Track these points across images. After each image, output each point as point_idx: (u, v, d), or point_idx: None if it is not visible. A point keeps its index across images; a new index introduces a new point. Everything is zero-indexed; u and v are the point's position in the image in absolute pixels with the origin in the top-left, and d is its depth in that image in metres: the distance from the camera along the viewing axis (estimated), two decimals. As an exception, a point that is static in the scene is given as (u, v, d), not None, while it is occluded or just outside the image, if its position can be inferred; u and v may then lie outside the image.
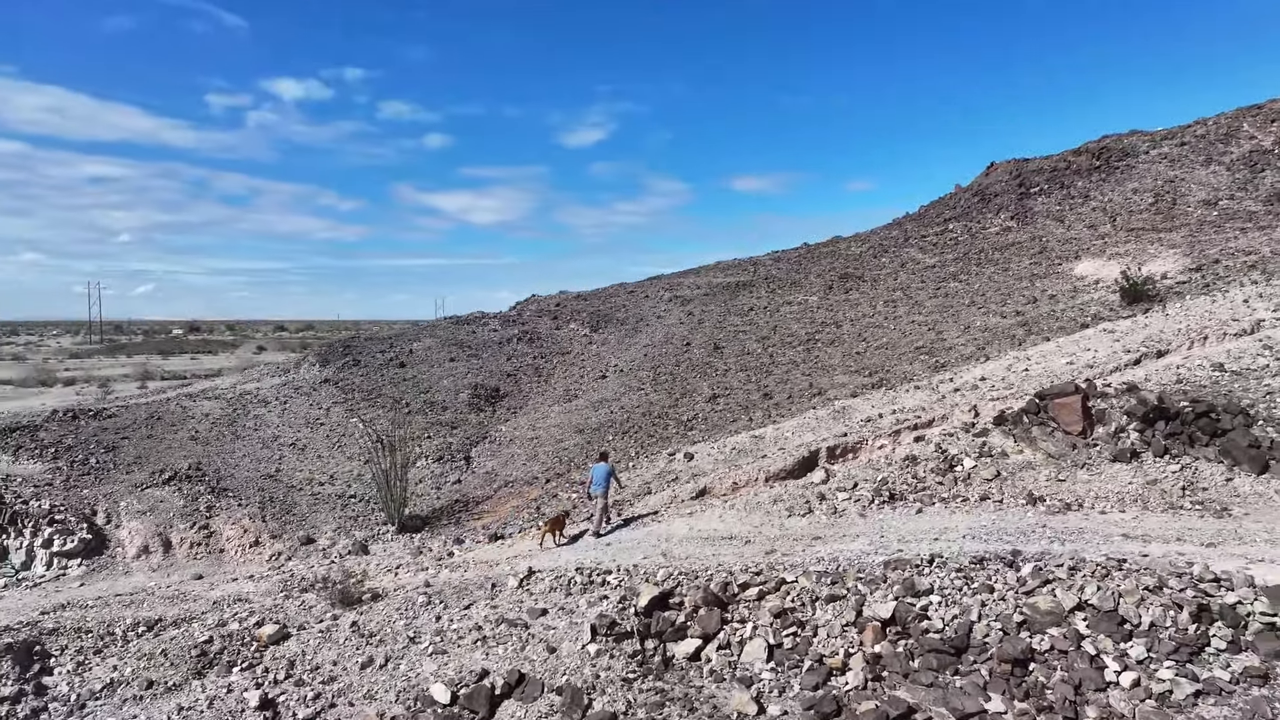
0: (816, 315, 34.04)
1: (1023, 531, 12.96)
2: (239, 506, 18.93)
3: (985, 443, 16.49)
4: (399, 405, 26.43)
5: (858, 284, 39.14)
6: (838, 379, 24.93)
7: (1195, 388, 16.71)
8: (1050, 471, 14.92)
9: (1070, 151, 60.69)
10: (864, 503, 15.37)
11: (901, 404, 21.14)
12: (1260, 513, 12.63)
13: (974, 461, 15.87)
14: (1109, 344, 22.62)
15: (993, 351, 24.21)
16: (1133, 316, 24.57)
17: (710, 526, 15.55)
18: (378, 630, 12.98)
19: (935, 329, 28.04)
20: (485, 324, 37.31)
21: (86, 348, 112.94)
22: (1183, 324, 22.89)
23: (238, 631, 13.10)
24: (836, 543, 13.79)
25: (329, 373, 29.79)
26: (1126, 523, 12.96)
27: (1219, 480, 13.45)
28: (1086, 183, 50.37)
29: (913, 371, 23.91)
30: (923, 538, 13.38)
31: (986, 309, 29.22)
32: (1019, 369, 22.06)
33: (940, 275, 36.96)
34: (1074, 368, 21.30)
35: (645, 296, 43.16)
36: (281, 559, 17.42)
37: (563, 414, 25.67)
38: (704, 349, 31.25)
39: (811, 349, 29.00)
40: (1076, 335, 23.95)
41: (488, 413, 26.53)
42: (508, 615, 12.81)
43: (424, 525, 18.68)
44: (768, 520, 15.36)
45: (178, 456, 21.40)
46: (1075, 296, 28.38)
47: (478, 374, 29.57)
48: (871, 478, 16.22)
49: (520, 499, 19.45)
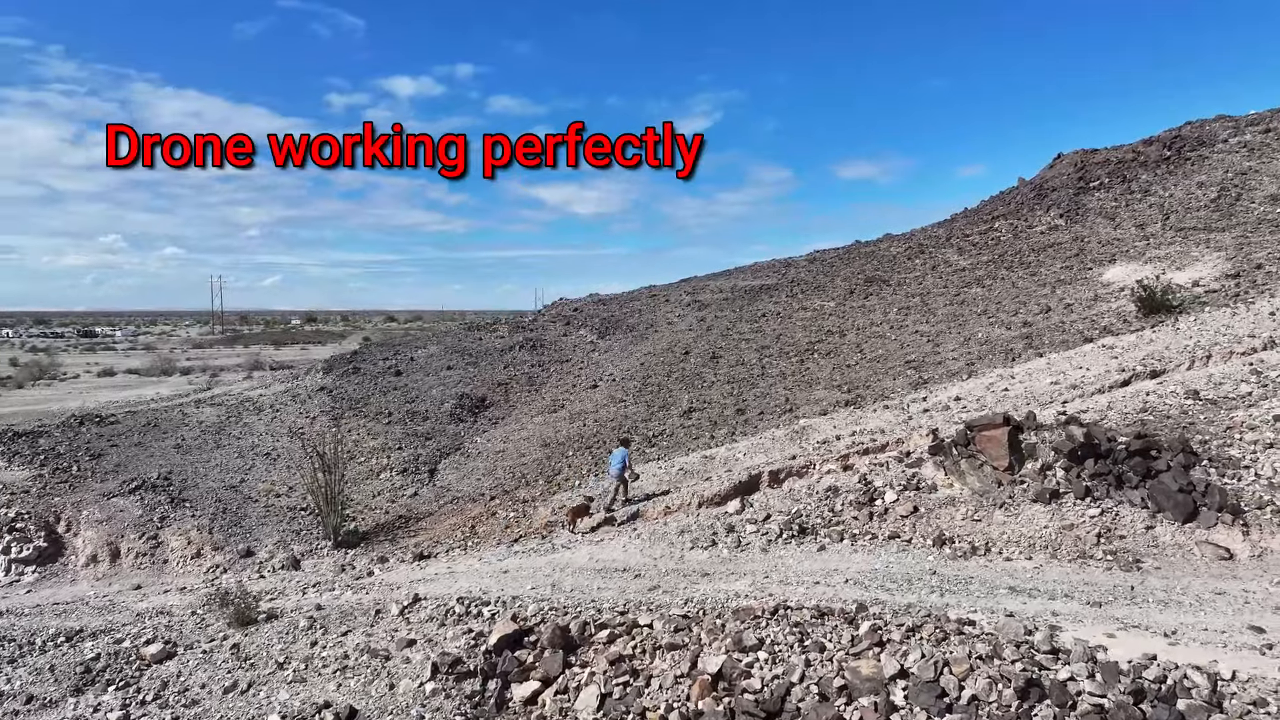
0: (826, 323, 32.99)
1: (909, 579, 12.23)
2: (192, 517, 19.77)
3: (916, 474, 15.62)
4: (381, 415, 27.06)
5: (881, 288, 37.73)
6: (816, 394, 24.09)
7: (1159, 418, 15.40)
8: (969, 509, 14.01)
9: (1142, 141, 56.80)
10: (771, 537, 14.81)
11: (865, 425, 20.25)
12: (1172, 567, 11.52)
13: (896, 495, 15.06)
14: (1104, 361, 21.08)
15: (981, 367, 22.92)
16: (1141, 330, 22.80)
17: (611, 556, 15.27)
18: (255, 654, 13.30)
19: (935, 340, 26.75)
20: (494, 330, 37.77)
21: (209, 338, 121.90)
22: (1191, 340, 21.11)
23: (126, 649, 13.65)
24: (720, 581, 13.33)
25: (328, 380, 30.76)
26: (1024, 573, 12.05)
27: (1139, 528, 12.33)
28: (1150, 176, 47.02)
29: (893, 388, 22.88)
30: (806, 579, 12.80)
31: (996, 318, 27.68)
32: (999, 388, 20.81)
33: (966, 279, 35.23)
34: (1058, 388, 19.97)
35: (666, 300, 42.80)
36: (218, 571, 18.08)
37: (539, 426, 25.73)
38: (701, 358, 30.74)
39: (805, 360, 28.12)
40: (1074, 351, 22.41)
41: (468, 423, 26.84)
42: (376, 645, 12.91)
43: (361, 541, 19.06)
44: (669, 552, 14.98)
45: (154, 465, 22.49)
46: (1092, 306, 26.55)
47: (469, 383, 29.95)
48: (788, 509, 15.60)
49: (461, 516, 19.59)
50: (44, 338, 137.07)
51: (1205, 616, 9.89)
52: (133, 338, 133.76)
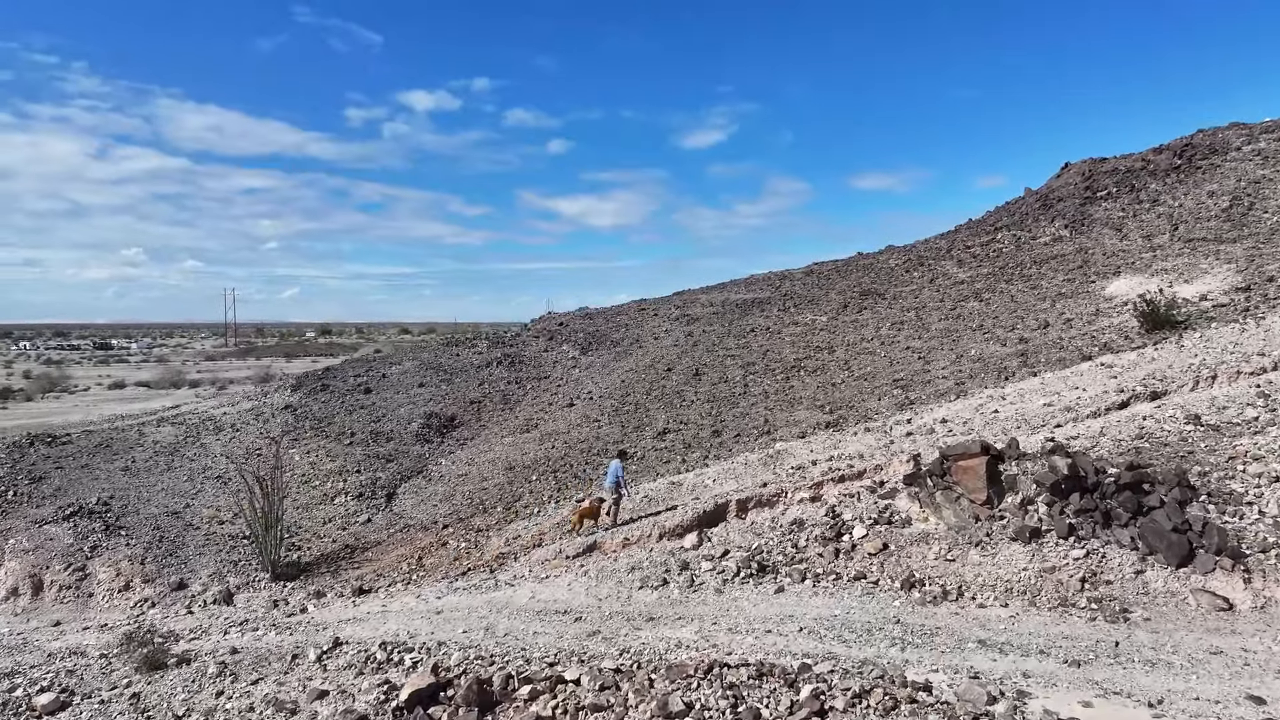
0: (816, 338, 31.85)
1: (870, 628, 11.07)
2: (126, 546, 18.75)
3: (889, 507, 14.45)
4: (344, 435, 26.03)
5: (876, 302, 36.58)
6: (798, 414, 22.94)
7: (1155, 445, 14.20)
8: (943, 548, 12.83)
9: (1152, 150, 55.56)
10: (727, 575, 13.67)
11: (843, 449, 19.10)
12: (1163, 619, 10.31)
13: (865, 530, 13.89)
14: (1102, 381, 19.88)
15: (972, 387, 21.73)
16: (1143, 347, 21.57)
17: (554, 596, 14.15)
18: (155, 705, 12.23)
19: (926, 357, 25.58)
20: (473, 345, 36.78)
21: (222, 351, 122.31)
22: (1196, 358, 19.89)
23: (18, 699, 12.60)
24: (665, 627, 12.21)
25: (295, 398, 29.78)
26: (998, 623, 10.86)
27: (1127, 572, 11.12)
28: (1160, 185, 45.78)
29: (878, 409, 21.72)
30: (757, 626, 11.67)
31: (992, 334, 26.49)
32: (988, 410, 19.62)
33: (964, 293, 34.05)
34: (1051, 410, 18.78)
35: (655, 314, 41.76)
36: (146, 606, 17.03)
37: (507, 448, 24.65)
38: (684, 375, 29.64)
39: (790, 378, 26.97)
40: (1071, 370, 21.20)
41: (434, 444, 25.79)
42: (285, 697, 11.81)
43: (302, 573, 17.98)
44: (617, 592, 13.85)
45: (97, 489, 21.53)
46: (1093, 321, 25.34)
47: (440, 401, 28.93)
48: (748, 545, 14.45)
49: (410, 546, 18.51)
50: (61, 350, 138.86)
51: (1197, 682, 8.69)
52: (147, 350, 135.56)
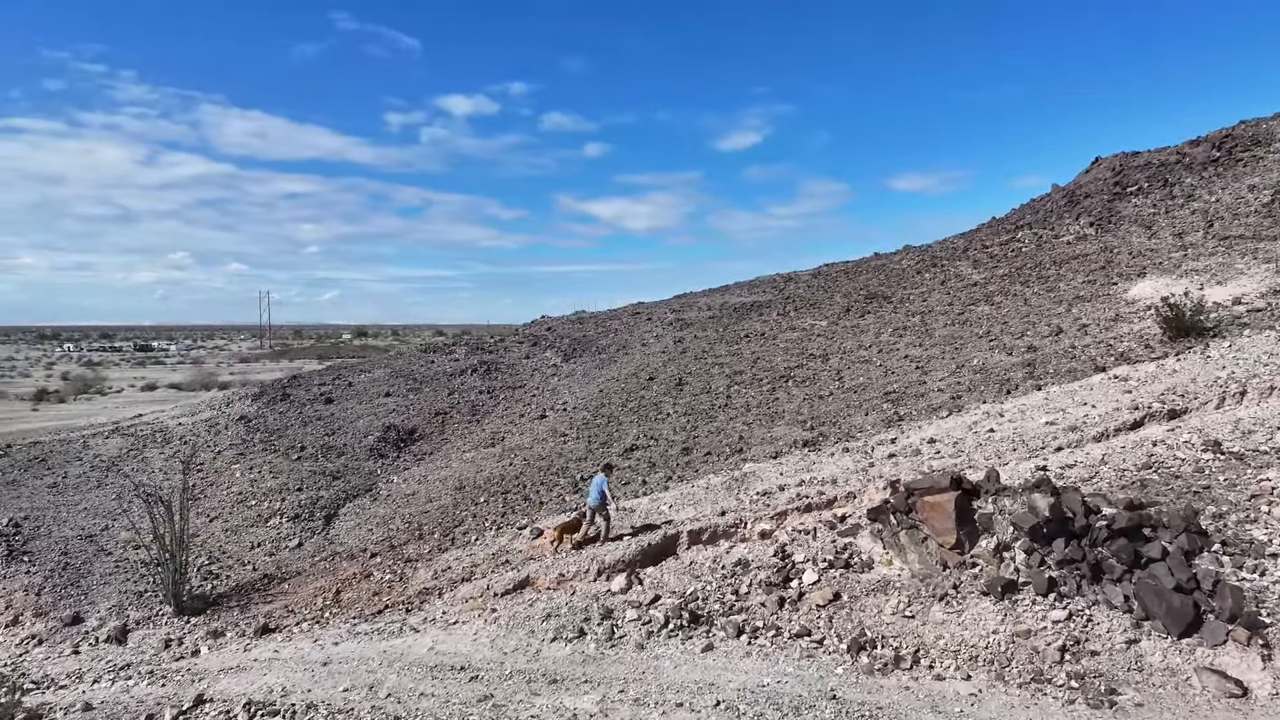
0: (811, 345, 29.86)
1: (800, 706, 9.24)
2: (26, 574, 17.38)
3: (849, 546, 12.57)
4: (293, 449, 24.56)
5: (881, 305, 34.50)
6: (777, 431, 21.04)
7: (1165, 477, 12.19)
8: (902, 600, 10.92)
9: (1188, 142, 52.76)
10: (654, 627, 11.85)
11: (816, 473, 17.21)
12: (1159, 703, 8.34)
13: (817, 575, 12.02)
14: (1115, 396, 17.79)
15: (969, 401, 19.72)
16: (1164, 358, 19.41)
17: (457, 647, 12.43)
18: (-22, 775, 10.68)
19: (925, 367, 23.54)
20: (450, 352, 35.23)
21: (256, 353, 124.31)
22: (1224, 370, 17.77)
23: None
24: (566, 693, 10.45)
25: (253, 408, 28.41)
26: (955, 701, 8.96)
27: (1118, 641, 9.15)
28: (1195, 179, 43.15)
29: (863, 425, 19.77)
30: (669, 697, 9.88)
31: (999, 341, 24.38)
32: (982, 429, 17.63)
33: (975, 296, 31.87)
34: (1054, 429, 16.77)
35: (648, 319, 39.98)
36: (32, 643, 15.60)
37: (464, 464, 23.02)
38: (665, 385, 27.82)
39: (777, 389, 25.05)
40: (1080, 383, 19.12)
41: (389, 459, 24.23)
42: (120, 769, 10.22)
43: (209, 606, 16.45)
44: (526, 644, 12.09)
45: (14, 508, 20.26)
46: (1111, 327, 23.14)
47: (403, 412, 27.39)
48: (682, 589, 12.64)
49: (331, 578, 16.91)
50: (102, 352, 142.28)
51: (1193, 804, 6.75)
52: (185, 352, 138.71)
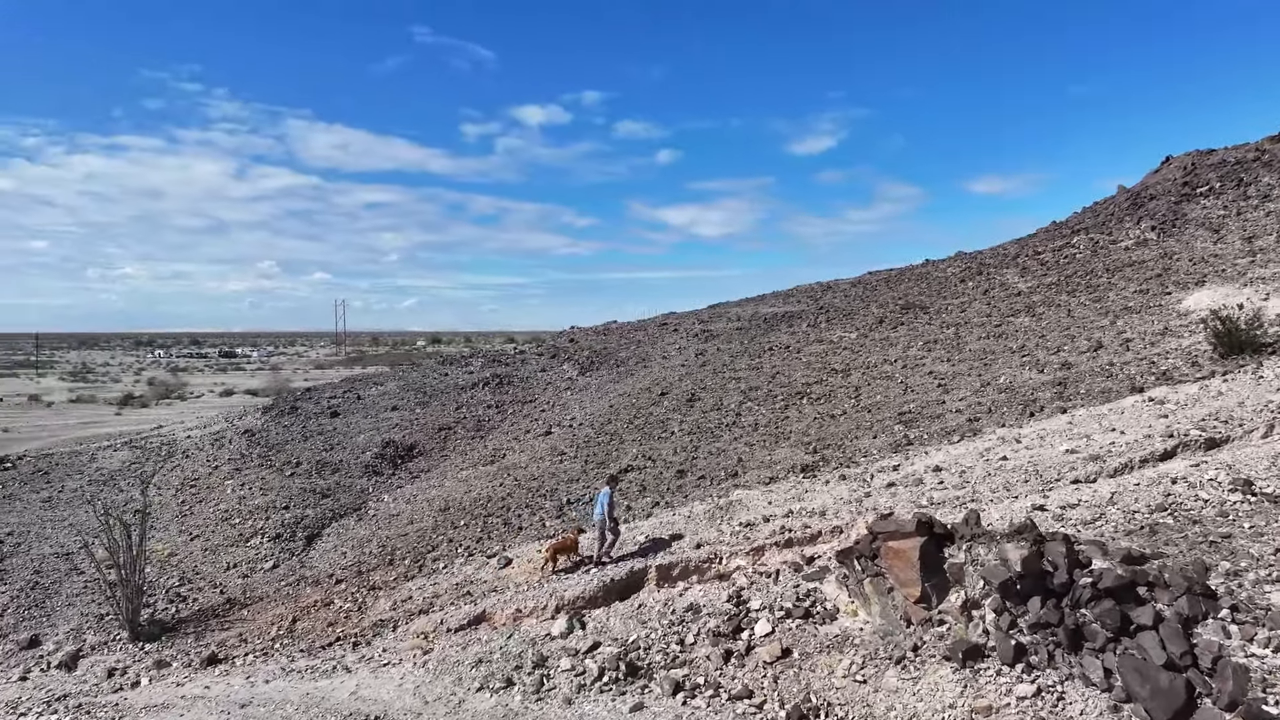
0: (835, 359, 28.34)
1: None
2: (-4, 593, 17.28)
3: (813, 592, 11.32)
4: (288, 465, 24.24)
5: (916, 317, 32.70)
6: (779, 453, 19.72)
7: (1182, 522, 10.63)
8: (858, 660, 9.63)
9: (1269, 138, 49.15)
10: (586, 679, 10.80)
11: (808, 502, 15.91)
12: (1130, 817, 6.90)
13: (771, 625, 10.82)
14: (1148, 421, 16.04)
15: (988, 424, 18.11)
16: (1209, 378, 17.49)
17: (379, 694, 11.57)
18: None
19: (948, 384, 21.90)
20: (466, 365, 34.74)
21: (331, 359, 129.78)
22: (1278, 394, 15.80)
23: None
24: (468, 758, 9.46)
25: (259, 421, 28.33)
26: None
27: (1092, 727, 7.71)
28: (1274, 178, 40.05)
29: (869, 449, 18.35)
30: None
31: (1032, 356, 22.56)
32: (995, 456, 16.06)
33: (1016, 306, 29.88)
34: (1074, 458, 15.17)
35: (675, 330, 38.87)
36: (-16, 668, 15.36)
37: (457, 483, 22.30)
38: (677, 400, 26.69)
39: (790, 407, 23.67)
40: (1110, 405, 17.34)
41: (383, 477, 23.70)
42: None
43: (166, 632, 16.01)
44: (450, 693, 11.17)
45: (2, 523, 20.31)
46: (1157, 342, 21.14)
47: (406, 428, 26.89)
48: (625, 636, 11.55)
49: (291, 605, 16.30)
50: (189, 358, 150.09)
51: None
52: (265, 358, 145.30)
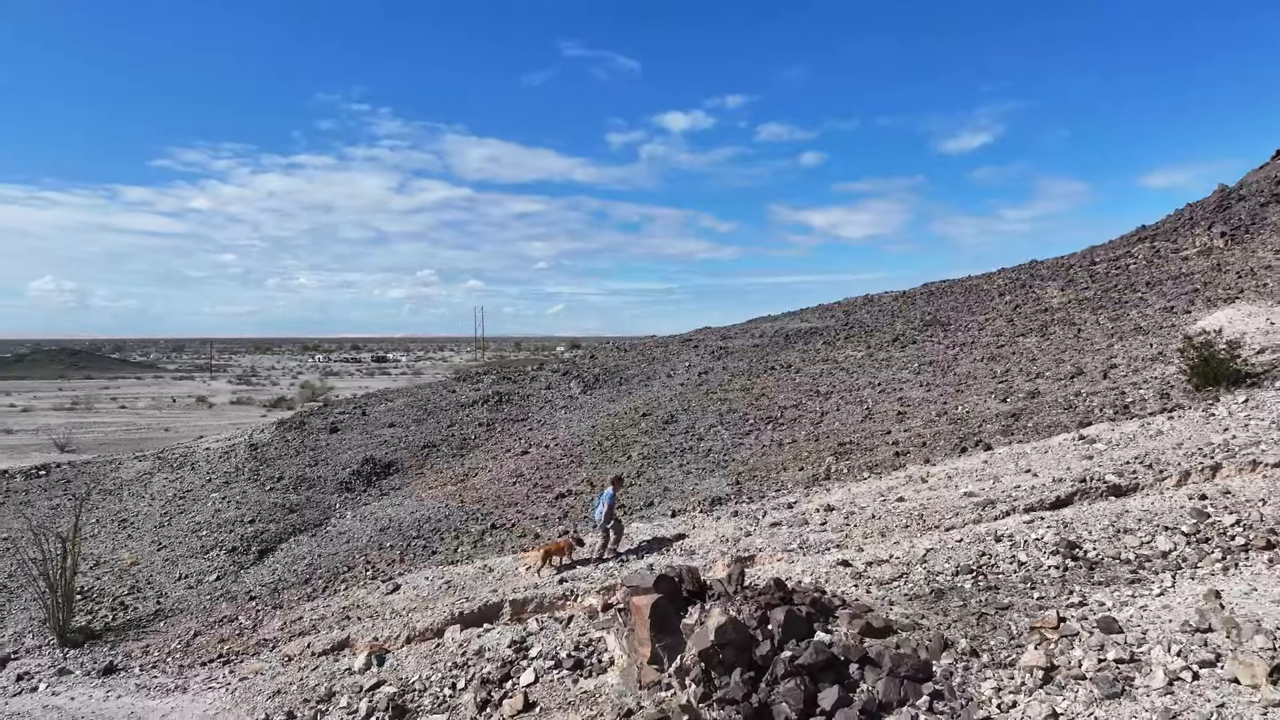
0: (824, 381, 27.31)
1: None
2: (-35, 596, 19.05)
3: (597, 642, 11.05)
4: (271, 479, 25.49)
5: (935, 334, 31.13)
6: (706, 483, 19.22)
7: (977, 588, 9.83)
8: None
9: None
10: (358, 718, 10.88)
11: (692, 539, 15.50)
12: None
13: (534, 676, 10.64)
14: (1069, 463, 14.82)
15: (914, 458, 17.09)
16: (1156, 415, 15.86)
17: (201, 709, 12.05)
18: None
19: (908, 412, 20.76)
20: (476, 382, 35.52)
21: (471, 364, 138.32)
22: (1222, 434, 14.32)
23: None
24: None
25: (266, 436, 30.01)
26: None
27: (724, 818, 7.21)
28: (1378, 177, 35.64)
29: (789, 481, 17.66)
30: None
31: (1007, 382, 21.08)
32: (893, 498, 15.18)
33: (1031, 325, 27.94)
34: (971, 501, 14.23)
35: (693, 347, 38.44)
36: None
37: (415, 502, 22.89)
38: (655, 421, 26.41)
39: (751, 432, 23.00)
40: (1038, 444, 15.98)
41: (354, 494, 24.58)
42: None
43: (91, 639, 17.20)
44: (243, 722, 11.49)
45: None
46: (1143, 369, 19.30)
47: (392, 445, 27.78)
48: (409, 676, 11.58)
49: (204, 619, 17.17)
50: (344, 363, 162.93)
51: None
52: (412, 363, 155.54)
